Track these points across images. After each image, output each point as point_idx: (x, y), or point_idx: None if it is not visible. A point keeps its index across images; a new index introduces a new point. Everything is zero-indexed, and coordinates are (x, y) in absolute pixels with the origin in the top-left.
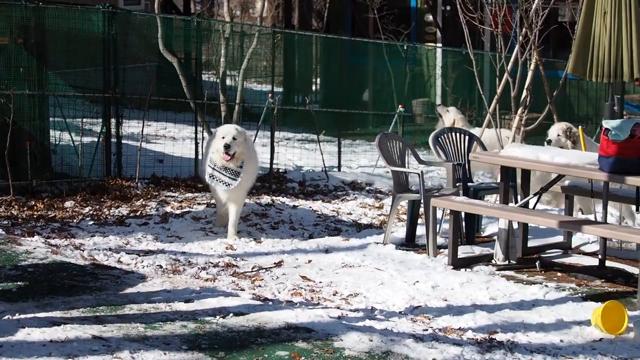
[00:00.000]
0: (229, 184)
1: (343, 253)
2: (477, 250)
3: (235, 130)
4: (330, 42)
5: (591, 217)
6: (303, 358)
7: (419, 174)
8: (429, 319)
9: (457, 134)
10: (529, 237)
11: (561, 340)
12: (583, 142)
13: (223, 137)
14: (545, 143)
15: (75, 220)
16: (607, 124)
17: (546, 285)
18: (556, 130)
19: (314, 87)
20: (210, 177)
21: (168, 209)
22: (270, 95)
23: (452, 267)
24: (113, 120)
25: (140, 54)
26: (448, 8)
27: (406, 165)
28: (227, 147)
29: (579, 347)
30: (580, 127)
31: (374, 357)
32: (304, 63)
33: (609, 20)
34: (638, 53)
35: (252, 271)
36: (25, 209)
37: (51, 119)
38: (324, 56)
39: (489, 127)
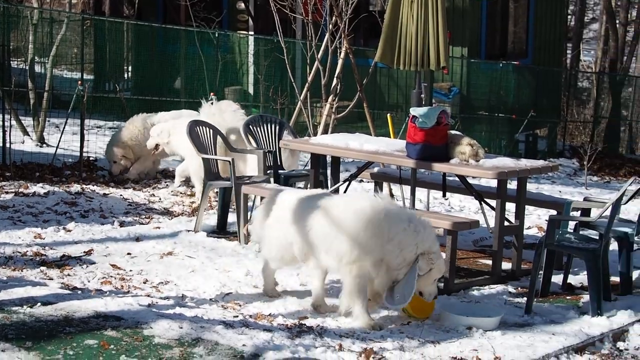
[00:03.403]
0: None
1: (154, 241)
2: None
3: None
4: (142, 29)
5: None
6: (112, 346)
7: (229, 161)
8: (240, 305)
9: (268, 122)
10: None
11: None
12: (392, 129)
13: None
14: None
15: None
16: (415, 111)
17: None
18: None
19: (125, 75)
20: None
21: None
22: (79, 82)
23: None
24: None
25: None
26: None
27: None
28: None
29: (387, 331)
30: (388, 114)
31: (184, 344)
32: (115, 50)
33: (415, 9)
34: (444, 42)
35: (61, 260)
36: None
37: None
38: (135, 43)
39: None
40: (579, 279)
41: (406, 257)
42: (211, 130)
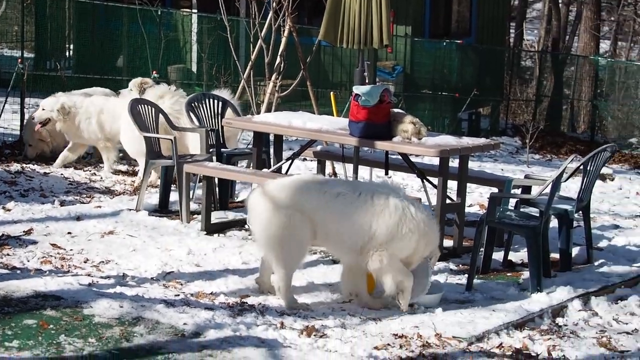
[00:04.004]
0: None
1: (95, 220)
2: (231, 215)
3: None
4: (83, 6)
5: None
6: (51, 326)
7: (171, 139)
8: (182, 284)
9: (211, 100)
10: None
11: (312, 302)
12: (335, 107)
13: None
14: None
15: None
16: (357, 89)
17: None
18: (131, 84)
19: (67, 53)
20: None
21: None
22: (20, 60)
23: (205, 232)
24: None
25: None
26: None
27: (160, 131)
28: None
29: (329, 309)
30: (331, 93)
31: (124, 323)
32: (57, 28)
33: None
34: (387, 20)
35: None
36: None
37: None
38: (77, 21)
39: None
40: (519, 255)
41: (425, 253)
42: (153, 109)
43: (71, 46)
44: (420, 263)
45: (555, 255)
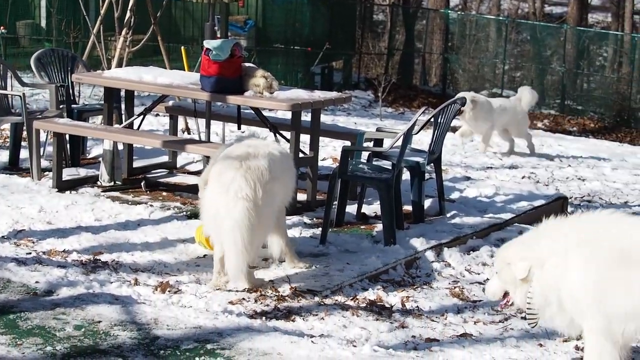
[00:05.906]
0: None
1: None
2: (83, 172)
3: None
4: None
5: (195, 136)
6: None
7: (20, 96)
8: (33, 242)
9: (61, 55)
10: (134, 157)
11: (167, 258)
12: (186, 62)
13: None
14: None
15: None
16: (208, 44)
17: (151, 205)
18: None
19: None
20: None
21: None
22: None
23: (57, 190)
24: None
25: None
26: None
27: (8, 87)
28: None
29: (183, 264)
30: (183, 47)
31: None
32: None
33: None
34: None
35: None
36: None
37: None
38: None
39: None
40: (372, 208)
41: None
42: (0, 65)
43: None
44: None
45: (407, 208)
